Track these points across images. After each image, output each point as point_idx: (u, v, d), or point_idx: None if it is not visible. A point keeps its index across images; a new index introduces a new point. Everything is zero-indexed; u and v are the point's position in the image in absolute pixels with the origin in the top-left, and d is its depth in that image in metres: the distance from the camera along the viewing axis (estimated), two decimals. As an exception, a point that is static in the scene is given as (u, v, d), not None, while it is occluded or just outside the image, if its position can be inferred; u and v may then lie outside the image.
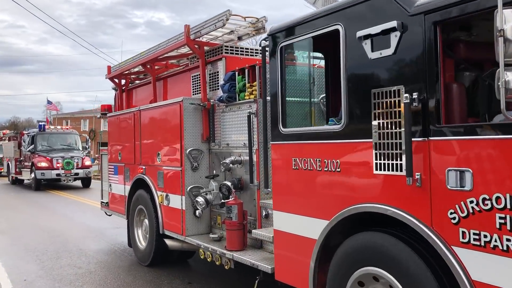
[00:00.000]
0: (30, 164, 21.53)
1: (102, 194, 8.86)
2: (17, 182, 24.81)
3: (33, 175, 20.86)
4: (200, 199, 5.41)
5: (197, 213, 5.71)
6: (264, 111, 4.54)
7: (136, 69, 8.18)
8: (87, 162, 21.76)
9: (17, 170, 24.32)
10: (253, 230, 4.83)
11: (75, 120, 61.14)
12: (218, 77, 5.99)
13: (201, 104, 5.99)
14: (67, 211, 13.47)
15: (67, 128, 24.60)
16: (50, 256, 7.80)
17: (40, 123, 22.44)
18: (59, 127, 24.27)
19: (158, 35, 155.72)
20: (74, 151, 22.37)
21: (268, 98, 4.54)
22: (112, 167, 8.13)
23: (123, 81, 8.79)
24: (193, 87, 6.51)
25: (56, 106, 42.63)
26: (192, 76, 6.57)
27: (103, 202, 8.70)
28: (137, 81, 8.70)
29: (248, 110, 5.03)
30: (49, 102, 44.54)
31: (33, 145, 21.87)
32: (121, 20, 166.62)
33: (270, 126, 4.47)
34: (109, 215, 8.77)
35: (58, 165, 20.58)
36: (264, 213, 4.84)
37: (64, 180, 21.03)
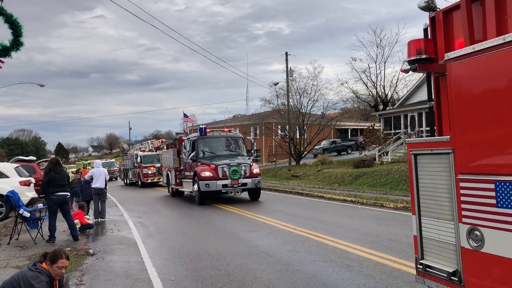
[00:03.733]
0: (192, 174, 18.22)
1: (420, 247, 4.18)
2: (177, 194, 22.06)
3: (196, 186, 17.47)
4: None
5: None
6: None
7: None
8: (256, 169, 17.79)
9: (177, 181, 21.36)
10: None
11: (208, 130, 64.91)
12: None
13: None
14: (205, 217, 14.05)
15: (229, 130, 20.12)
16: (193, 258, 8.15)
17: (201, 126, 19.22)
18: (220, 130, 20.40)
19: (278, 44, 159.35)
20: (238, 157, 18.38)
21: None
22: (489, 187, 3.34)
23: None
24: None
25: (192, 118, 45.86)
26: None
27: (430, 269, 4.03)
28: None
29: None
30: (185, 115, 48.12)
31: (194, 152, 18.34)
32: (243, 33, 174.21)
33: None
34: None
35: (223, 174, 16.98)
36: None
37: (231, 192, 17.25)
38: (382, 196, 16.71)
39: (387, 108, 35.52)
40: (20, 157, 22.81)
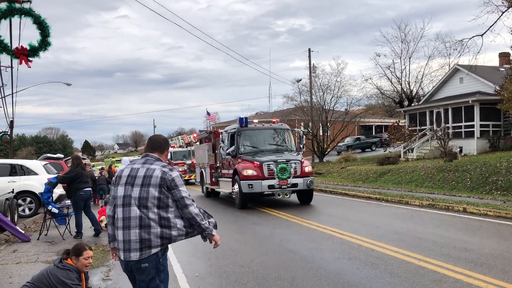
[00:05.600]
0: (231, 172, 15.78)
1: None
2: (212, 195, 20.11)
3: (236, 187, 14.99)
4: None
5: None
6: None
7: None
8: (308, 167, 15.03)
9: (212, 180, 18.96)
10: None
11: (232, 128, 65.01)
12: None
13: None
14: (228, 214, 14.09)
15: (273, 122, 17.32)
16: (217, 254, 8.12)
17: (241, 117, 16.38)
18: (263, 120, 17.55)
19: (300, 41, 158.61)
20: (285, 152, 15.76)
21: None
22: None
23: None
24: None
25: (214, 117, 46.09)
26: None
27: None
28: None
29: None
30: (208, 113, 48.41)
31: (233, 147, 15.82)
32: (265, 31, 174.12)
33: None
34: None
35: (270, 172, 14.33)
36: None
37: (278, 195, 14.66)
38: (407, 193, 16.49)
39: (412, 104, 34.97)
40: (48, 154, 23.39)
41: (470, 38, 19.00)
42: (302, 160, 15.10)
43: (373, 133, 52.49)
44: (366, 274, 6.50)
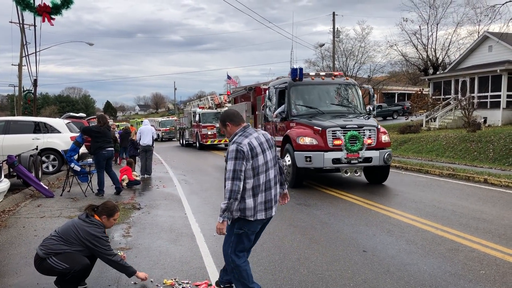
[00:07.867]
0: (280, 139, 12.04)
1: None
2: None
3: (288, 159, 11.38)
4: None
5: None
6: None
7: None
8: (385, 136, 11.33)
9: None
10: None
11: (252, 92, 64.40)
12: None
13: None
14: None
15: (336, 75, 13.12)
16: None
17: (295, 67, 12.66)
18: (322, 73, 13.38)
19: (323, 4, 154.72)
20: (350, 116, 12.01)
21: None
22: None
23: None
24: None
25: (235, 80, 45.75)
26: None
27: None
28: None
29: None
30: (228, 77, 48.09)
31: (283, 106, 12.31)
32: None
33: None
34: None
35: (336, 142, 10.74)
36: None
37: (346, 172, 11.03)
38: (428, 162, 16.32)
39: (438, 72, 34.13)
40: (71, 113, 23.72)
41: (503, 4, 18.21)
42: (379, 127, 11.34)
43: (396, 101, 51.64)
44: (381, 240, 6.54)
